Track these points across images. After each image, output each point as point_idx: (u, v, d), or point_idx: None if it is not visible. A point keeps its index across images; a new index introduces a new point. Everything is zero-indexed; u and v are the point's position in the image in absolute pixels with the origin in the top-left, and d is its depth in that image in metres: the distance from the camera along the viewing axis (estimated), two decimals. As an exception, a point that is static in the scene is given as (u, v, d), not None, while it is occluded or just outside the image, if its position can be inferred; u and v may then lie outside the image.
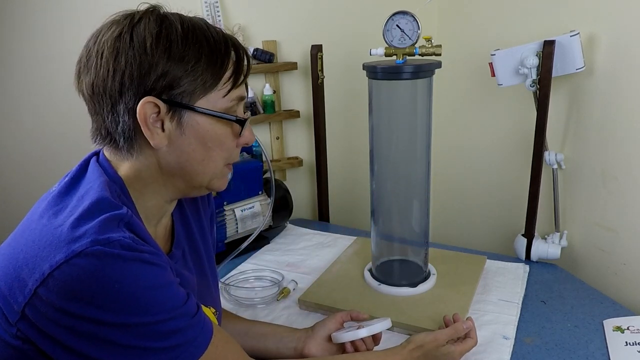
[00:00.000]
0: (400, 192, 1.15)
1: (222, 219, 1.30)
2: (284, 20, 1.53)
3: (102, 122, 0.64)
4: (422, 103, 1.07)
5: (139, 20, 0.62)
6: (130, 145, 0.65)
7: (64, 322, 0.55)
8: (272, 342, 0.91)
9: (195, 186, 0.70)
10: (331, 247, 1.39)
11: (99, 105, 0.63)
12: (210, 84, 0.64)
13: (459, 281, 1.14)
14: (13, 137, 1.30)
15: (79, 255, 0.54)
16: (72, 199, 0.62)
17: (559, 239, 1.28)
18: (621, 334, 0.97)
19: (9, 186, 1.33)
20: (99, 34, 0.63)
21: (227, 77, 0.66)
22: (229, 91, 0.66)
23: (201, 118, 0.65)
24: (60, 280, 0.54)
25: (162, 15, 0.64)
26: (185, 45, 0.62)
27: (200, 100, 0.64)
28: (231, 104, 0.67)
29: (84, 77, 0.63)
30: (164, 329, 0.58)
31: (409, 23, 1.02)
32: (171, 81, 0.62)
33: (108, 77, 0.61)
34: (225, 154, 0.69)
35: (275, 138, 1.59)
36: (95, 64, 0.62)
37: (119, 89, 0.61)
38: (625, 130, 1.16)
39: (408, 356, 0.86)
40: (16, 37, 1.24)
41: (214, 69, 0.64)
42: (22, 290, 0.56)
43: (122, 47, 0.61)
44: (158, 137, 0.64)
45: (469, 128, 1.61)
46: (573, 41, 1.16)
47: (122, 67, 0.61)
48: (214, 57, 0.64)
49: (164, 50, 0.61)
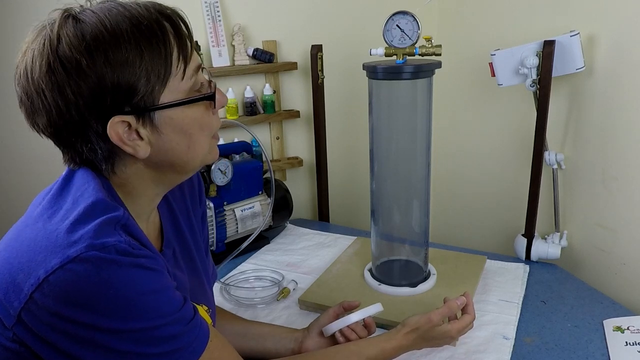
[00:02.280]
0: (400, 192, 1.15)
1: (222, 219, 1.30)
2: (284, 20, 1.53)
3: (75, 154, 0.62)
4: (422, 103, 1.06)
5: (58, 39, 0.56)
6: (113, 165, 0.63)
7: (59, 327, 0.55)
8: (271, 343, 0.91)
9: (188, 171, 0.69)
10: (331, 247, 1.39)
11: (67, 140, 0.61)
12: (164, 73, 0.59)
13: (459, 281, 1.14)
14: (13, 136, 1.30)
15: (74, 261, 0.54)
16: (66, 200, 0.61)
17: (559, 239, 1.28)
18: (621, 334, 0.97)
19: (9, 186, 1.33)
20: (26, 71, 0.58)
21: (177, 57, 0.60)
22: (184, 70, 0.61)
23: (172, 111, 0.61)
24: (55, 286, 0.54)
25: (77, 21, 0.57)
26: (119, 46, 0.56)
27: (163, 95, 0.60)
28: (192, 80, 0.63)
29: (37, 119, 0.60)
30: (159, 335, 0.58)
31: (409, 23, 1.02)
32: (126, 91, 0.57)
33: (64, 113, 0.57)
34: (207, 130, 0.67)
35: (275, 138, 1.59)
36: (42, 104, 0.58)
37: (79, 121, 0.58)
38: (625, 130, 1.16)
39: (403, 340, 0.86)
40: (16, 37, 1.24)
41: (161, 57, 0.59)
42: (17, 295, 0.55)
43: (59, 79, 0.56)
44: (141, 148, 0.61)
45: (469, 128, 1.61)
46: (573, 41, 1.16)
47: (73, 99, 0.56)
48: (153, 44, 0.58)
49: (102, 63, 0.56)
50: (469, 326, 0.92)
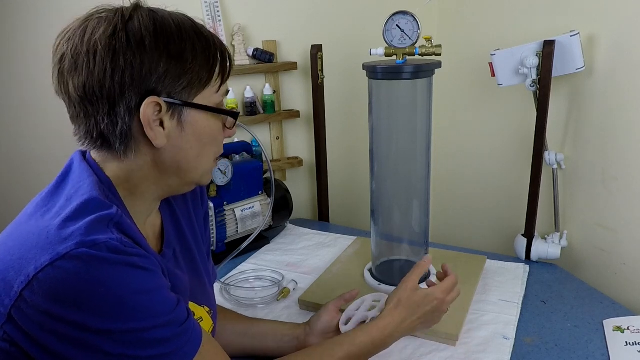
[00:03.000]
0: (400, 192, 1.15)
1: (222, 219, 1.30)
2: (284, 20, 1.53)
3: (94, 125, 0.62)
4: (422, 103, 1.06)
5: (131, 16, 0.61)
6: (127, 146, 0.63)
7: (48, 326, 0.54)
8: (272, 341, 0.91)
9: (187, 182, 0.70)
10: (331, 247, 1.39)
11: (92, 108, 0.61)
12: (205, 80, 0.65)
13: (459, 281, 1.14)
14: (13, 136, 1.30)
15: (64, 258, 0.53)
16: (60, 198, 0.61)
17: (559, 239, 1.28)
18: (621, 334, 0.97)
19: (9, 185, 1.33)
20: (84, 32, 0.60)
21: (218, 73, 0.66)
22: (220, 86, 0.67)
23: (199, 114, 0.65)
24: (44, 283, 0.53)
25: (152, 10, 0.63)
26: (181, 41, 0.62)
27: (197, 97, 0.65)
28: (221, 98, 0.69)
29: (71, 79, 0.60)
30: (149, 337, 0.57)
31: (409, 23, 1.02)
32: (172, 79, 0.62)
33: (106, 78, 0.59)
34: (216, 148, 0.71)
35: (275, 138, 1.59)
36: (86, 64, 0.59)
37: (119, 90, 0.59)
38: (625, 130, 1.16)
39: (390, 317, 0.85)
40: (16, 36, 1.24)
41: (208, 65, 0.64)
42: (8, 292, 0.55)
43: (118, 45, 0.59)
44: (160, 136, 0.63)
45: (468, 128, 1.61)
46: (573, 41, 1.16)
47: (122, 66, 0.59)
48: (206, 52, 0.64)
49: (164, 48, 0.60)
50: (455, 290, 0.91)
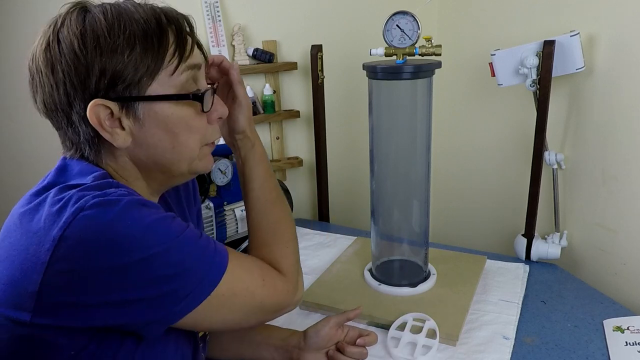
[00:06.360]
0: (400, 192, 1.15)
1: (222, 219, 1.30)
2: (284, 20, 1.53)
3: (65, 135, 0.63)
4: (422, 103, 1.06)
5: (62, 23, 0.60)
6: (97, 151, 0.63)
7: (83, 287, 0.54)
8: (267, 352, 0.91)
9: (176, 175, 0.69)
10: (331, 247, 1.39)
11: (57, 121, 0.62)
12: (154, 67, 0.61)
13: (459, 281, 1.14)
14: (13, 135, 1.30)
15: (84, 209, 0.54)
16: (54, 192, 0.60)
17: (559, 239, 1.28)
18: (621, 334, 0.97)
19: (9, 185, 1.33)
20: (34, 51, 0.61)
21: (172, 54, 0.62)
22: (176, 67, 0.62)
23: (157, 105, 0.62)
24: (73, 236, 0.53)
25: (84, 11, 0.61)
26: (113, 35, 0.59)
27: (150, 87, 0.61)
28: (185, 78, 0.63)
29: (36, 97, 0.62)
30: (176, 255, 0.58)
31: (409, 23, 1.02)
32: (112, 77, 0.59)
33: (53, 92, 0.60)
34: (197, 135, 0.66)
35: (275, 138, 1.59)
36: (39, 81, 0.61)
37: (66, 100, 0.60)
38: (625, 130, 1.16)
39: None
40: (16, 37, 1.24)
41: (153, 51, 0.60)
42: (34, 267, 0.54)
43: (53, 57, 0.59)
44: (119, 137, 0.62)
45: (469, 128, 1.61)
46: (573, 41, 1.16)
47: (61, 78, 0.59)
48: (148, 38, 0.60)
49: (94, 48, 0.58)
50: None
